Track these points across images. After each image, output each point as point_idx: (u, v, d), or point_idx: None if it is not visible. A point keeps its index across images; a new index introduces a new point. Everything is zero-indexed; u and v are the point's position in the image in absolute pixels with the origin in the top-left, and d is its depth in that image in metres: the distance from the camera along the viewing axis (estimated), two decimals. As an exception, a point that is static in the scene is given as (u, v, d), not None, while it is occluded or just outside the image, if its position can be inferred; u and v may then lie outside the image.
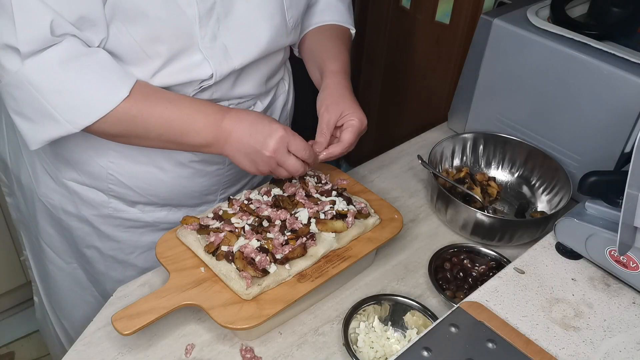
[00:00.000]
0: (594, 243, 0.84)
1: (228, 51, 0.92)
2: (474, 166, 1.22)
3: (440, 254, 1.02)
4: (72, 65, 0.81)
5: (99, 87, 0.83)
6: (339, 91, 1.01)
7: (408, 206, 1.17)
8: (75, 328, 1.31)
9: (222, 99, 0.99)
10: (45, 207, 1.12)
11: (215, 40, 0.90)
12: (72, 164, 1.02)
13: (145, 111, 0.86)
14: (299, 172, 0.93)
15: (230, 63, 0.93)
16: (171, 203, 1.09)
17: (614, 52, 1.01)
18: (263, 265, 0.86)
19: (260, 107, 1.07)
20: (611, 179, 0.84)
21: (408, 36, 1.65)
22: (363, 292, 0.98)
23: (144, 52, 0.87)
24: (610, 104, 1.01)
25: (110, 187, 1.03)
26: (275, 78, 1.09)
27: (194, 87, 0.94)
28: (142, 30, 0.84)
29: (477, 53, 1.19)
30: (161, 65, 0.89)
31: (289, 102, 1.18)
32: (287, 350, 0.88)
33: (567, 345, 0.75)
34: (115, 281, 1.16)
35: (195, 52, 0.89)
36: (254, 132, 0.89)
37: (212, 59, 0.90)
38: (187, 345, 0.88)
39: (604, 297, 0.82)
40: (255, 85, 1.02)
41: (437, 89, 1.63)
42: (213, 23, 0.89)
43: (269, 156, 0.89)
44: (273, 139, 0.89)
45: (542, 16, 1.13)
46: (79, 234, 1.12)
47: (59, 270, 1.21)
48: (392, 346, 0.88)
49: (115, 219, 1.08)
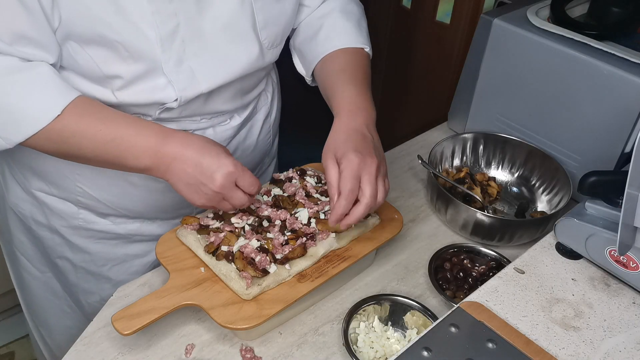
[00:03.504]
0: (594, 243, 0.84)
1: (195, 75, 0.87)
2: (474, 166, 1.22)
3: (440, 254, 1.02)
4: (6, 80, 0.78)
5: (30, 104, 0.79)
6: (334, 136, 0.89)
7: (408, 206, 1.17)
8: (52, 336, 1.27)
9: (193, 115, 0.95)
10: (16, 216, 1.09)
11: (181, 64, 0.85)
12: (39, 174, 0.99)
13: (78, 132, 0.81)
14: (245, 205, 0.88)
15: (197, 87, 0.88)
16: (144, 216, 1.06)
17: (614, 52, 1.01)
18: (263, 265, 0.86)
19: (238, 121, 1.02)
20: (611, 179, 0.84)
21: (408, 36, 1.65)
22: (363, 292, 0.98)
23: (102, 72, 0.84)
24: (610, 104, 1.01)
25: (79, 199, 1.00)
26: (254, 92, 1.04)
27: (159, 107, 0.90)
28: (100, 51, 0.82)
29: (477, 53, 1.19)
30: (122, 85, 0.86)
31: (272, 114, 1.13)
32: (287, 350, 0.88)
33: (567, 345, 0.75)
34: (88, 293, 1.13)
35: (158, 76, 0.85)
36: (199, 164, 0.82)
37: (176, 84, 0.86)
38: (187, 345, 0.88)
39: (604, 297, 0.82)
40: (228, 101, 0.97)
41: (437, 89, 1.63)
42: (177, 46, 0.84)
43: (215, 191, 0.83)
44: (221, 174, 0.82)
45: (542, 16, 1.13)
46: (50, 244, 1.09)
47: (33, 279, 1.18)
48: (392, 346, 0.88)
49: (86, 230, 1.05)
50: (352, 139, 0.87)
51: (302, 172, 1.04)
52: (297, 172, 1.04)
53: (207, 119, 0.98)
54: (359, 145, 0.86)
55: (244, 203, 0.87)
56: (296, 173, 1.04)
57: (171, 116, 0.93)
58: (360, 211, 0.84)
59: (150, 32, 0.81)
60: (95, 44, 0.81)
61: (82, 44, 0.81)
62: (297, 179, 1.03)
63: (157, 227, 1.08)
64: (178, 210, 1.08)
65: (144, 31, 0.81)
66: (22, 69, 0.79)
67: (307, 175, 1.04)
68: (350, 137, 0.87)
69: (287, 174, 1.04)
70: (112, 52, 0.82)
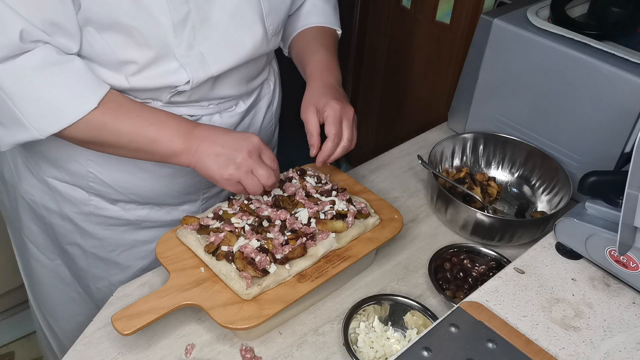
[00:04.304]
0: (594, 243, 0.84)
1: (205, 59, 0.92)
2: (474, 166, 1.22)
3: (440, 254, 1.02)
4: (44, 73, 0.81)
5: (67, 97, 0.83)
6: (312, 91, 1.01)
7: (408, 206, 1.17)
8: (60, 326, 1.30)
9: (201, 100, 0.99)
10: (27, 204, 1.11)
11: (191, 48, 0.90)
12: (52, 161, 1.02)
13: (117, 118, 0.86)
14: (267, 185, 0.90)
15: (208, 70, 0.93)
16: (152, 202, 1.09)
17: (614, 52, 1.01)
18: (263, 265, 0.86)
19: (242, 107, 1.07)
20: (611, 179, 0.84)
21: (408, 36, 1.65)
22: (363, 292, 0.98)
23: (117, 57, 0.87)
24: (610, 104, 1.01)
25: (90, 185, 1.03)
26: (258, 79, 1.09)
27: (171, 90, 0.94)
28: (116, 37, 0.85)
29: (477, 53, 1.19)
30: (136, 70, 0.89)
31: (274, 103, 1.18)
32: (287, 350, 0.88)
33: (567, 345, 0.75)
34: (97, 278, 1.16)
35: (171, 60, 0.89)
36: (228, 139, 0.89)
37: (188, 67, 0.90)
38: (187, 345, 0.88)
39: (604, 297, 0.82)
40: (235, 86, 1.02)
41: (437, 89, 1.63)
42: (188, 31, 0.88)
43: (243, 157, 0.87)
44: (248, 142, 0.88)
45: (542, 16, 1.13)
46: (61, 231, 1.11)
47: (42, 267, 1.21)
48: (392, 346, 0.88)
49: (96, 216, 1.07)
50: (330, 92, 1.00)
51: (302, 172, 1.04)
52: (297, 172, 1.04)
53: (215, 105, 1.02)
54: (337, 96, 1.00)
55: (269, 176, 0.89)
56: (296, 173, 1.04)
57: (180, 100, 0.97)
58: (339, 152, 0.98)
59: (164, 19, 0.85)
60: (112, 30, 0.84)
61: (99, 30, 0.84)
62: (297, 179, 1.03)
63: (165, 214, 1.11)
64: (185, 196, 1.11)
65: (158, 17, 0.84)
66: (59, 62, 0.82)
67: (307, 175, 1.04)
68: (327, 90, 1.00)
69: (287, 174, 1.04)
70: (128, 38, 0.85)
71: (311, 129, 0.98)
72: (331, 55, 1.09)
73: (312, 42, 1.10)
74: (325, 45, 1.10)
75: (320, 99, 0.98)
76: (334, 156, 0.99)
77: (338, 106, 0.97)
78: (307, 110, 0.98)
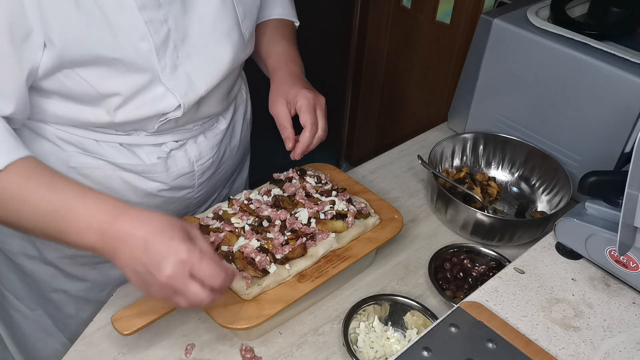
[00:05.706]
0: (594, 243, 0.84)
1: (192, 79, 0.88)
2: (474, 166, 1.22)
3: (440, 254, 1.02)
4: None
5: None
6: (279, 82, 0.99)
7: (408, 206, 1.17)
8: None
9: (187, 123, 0.96)
10: (3, 254, 1.06)
11: (176, 70, 0.86)
12: None
13: (19, 195, 0.72)
14: (204, 302, 0.71)
15: (196, 91, 0.89)
16: None
17: (614, 52, 1.01)
18: (263, 265, 0.86)
19: (224, 124, 1.04)
20: (611, 179, 0.84)
21: (408, 36, 1.65)
22: (363, 292, 0.98)
23: (97, 92, 0.82)
24: (610, 104, 1.01)
25: None
26: (234, 90, 1.06)
27: (159, 119, 0.90)
28: (94, 71, 0.80)
29: (477, 53, 1.19)
30: (121, 103, 0.84)
31: (248, 110, 1.15)
32: (287, 350, 0.88)
33: (567, 345, 0.75)
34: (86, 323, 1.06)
35: (157, 85, 0.85)
36: (148, 248, 0.68)
37: (177, 91, 0.86)
38: (187, 345, 0.88)
39: (604, 297, 0.82)
40: (218, 103, 0.99)
41: (437, 89, 1.63)
42: (170, 52, 0.84)
43: (162, 282, 0.68)
44: (170, 262, 0.67)
45: (542, 16, 1.13)
46: (44, 278, 1.05)
47: (23, 318, 1.14)
48: (392, 346, 0.88)
49: (81, 257, 1.02)
50: (298, 82, 0.98)
51: (302, 172, 1.04)
52: (297, 172, 1.04)
53: (199, 125, 0.99)
54: (306, 85, 0.98)
55: (203, 299, 0.70)
56: (296, 173, 1.04)
57: (169, 127, 0.93)
58: (314, 143, 0.96)
59: (145, 43, 0.81)
60: (90, 64, 0.79)
61: (75, 67, 0.79)
62: (297, 179, 1.03)
63: None
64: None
65: (139, 42, 0.80)
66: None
67: (307, 175, 1.04)
68: (295, 80, 0.99)
69: (287, 174, 1.04)
70: (109, 69, 0.80)
71: (283, 122, 0.95)
72: (292, 47, 1.07)
73: (272, 35, 1.08)
74: (286, 37, 1.08)
75: (290, 90, 0.96)
76: (310, 147, 0.96)
77: (310, 95, 0.95)
78: (277, 102, 0.96)
